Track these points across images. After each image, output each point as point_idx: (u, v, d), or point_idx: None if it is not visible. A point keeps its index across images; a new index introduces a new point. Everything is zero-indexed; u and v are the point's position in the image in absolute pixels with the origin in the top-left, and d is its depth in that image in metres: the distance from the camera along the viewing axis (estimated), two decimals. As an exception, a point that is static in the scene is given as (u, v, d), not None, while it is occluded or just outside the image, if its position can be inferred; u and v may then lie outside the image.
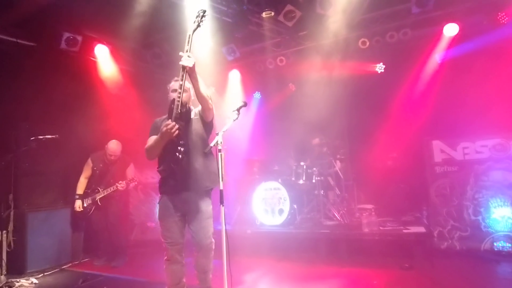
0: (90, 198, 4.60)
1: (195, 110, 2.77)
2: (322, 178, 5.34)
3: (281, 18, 5.18)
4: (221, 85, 6.58)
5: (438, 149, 4.55)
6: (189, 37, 2.48)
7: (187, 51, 2.42)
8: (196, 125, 2.67)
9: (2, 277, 4.00)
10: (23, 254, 4.34)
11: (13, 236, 4.35)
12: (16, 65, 4.65)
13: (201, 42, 5.35)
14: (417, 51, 5.44)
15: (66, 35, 4.91)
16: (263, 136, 6.65)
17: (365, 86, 5.88)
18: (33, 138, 4.37)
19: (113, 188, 4.49)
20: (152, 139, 2.62)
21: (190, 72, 2.42)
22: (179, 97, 2.45)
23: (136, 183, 4.71)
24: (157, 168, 2.65)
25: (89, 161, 4.74)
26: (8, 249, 4.26)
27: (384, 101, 5.56)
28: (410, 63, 5.51)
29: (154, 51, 6.04)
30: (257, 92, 7.20)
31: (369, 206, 5.42)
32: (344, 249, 4.41)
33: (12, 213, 4.39)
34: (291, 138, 6.03)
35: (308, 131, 5.77)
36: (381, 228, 4.57)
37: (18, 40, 4.72)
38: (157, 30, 5.48)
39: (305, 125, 5.67)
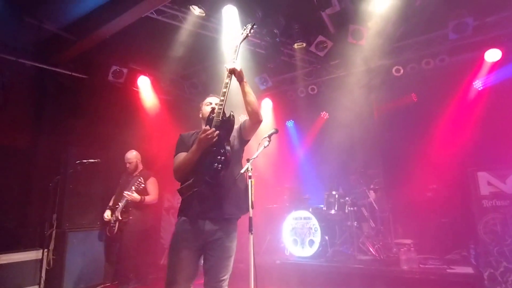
0: (114, 215, 4.48)
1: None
2: (355, 208, 5.06)
3: (312, 48, 5.28)
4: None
5: (485, 181, 4.13)
6: (236, 47, 2.41)
7: (234, 60, 2.33)
8: (233, 143, 2.39)
9: (40, 294, 4.12)
10: (61, 272, 4.46)
11: (53, 255, 4.52)
12: (69, 95, 5.10)
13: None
14: (456, 78, 5.17)
15: (114, 68, 5.32)
16: (294, 163, 6.55)
17: (401, 114, 5.64)
18: (78, 161, 4.66)
19: (125, 201, 4.34)
20: (182, 156, 2.32)
21: (238, 77, 2.28)
22: (221, 104, 2.25)
23: (152, 198, 4.53)
24: (182, 184, 2.27)
25: (121, 177, 4.84)
26: (47, 267, 4.41)
27: (421, 129, 5.27)
28: (448, 89, 5.23)
29: (191, 81, 6.32)
30: (290, 120, 7.20)
31: (408, 241, 4.95)
32: (380, 287, 4.05)
33: (54, 232, 4.58)
34: (323, 167, 5.90)
35: (341, 160, 5.62)
36: (421, 266, 4.16)
37: (73, 73, 5.20)
38: (194, 62, 5.81)
39: (338, 154, 5.54)
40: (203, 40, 5.05)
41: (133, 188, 4.34)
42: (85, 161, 4.68)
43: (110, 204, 4.71)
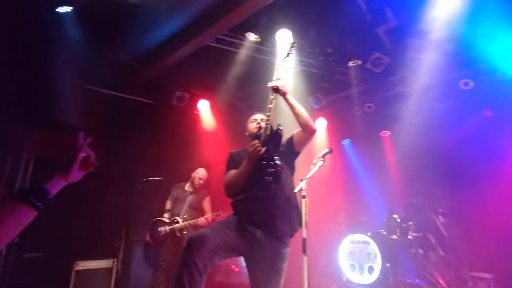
0: (167, 227, 4.42)
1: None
2: (420, 234, 4.60)
3: (368, 65, 5.07)
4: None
5: None
6: (278, 65, 2.43)
7: (277, 78, 2.33)
8: (283, 156, 2.32)
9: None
10: (127, 282, 4.76)
11: (121, 265, 4.79)
12: (138, 119, 5.55)
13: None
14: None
15: (177, 93, 5.70)
16: (351, 184, 6.25)
17: (472, 130, 5.05)
18: (144, 179, 4.95)
19: (193, 223, 4.26)
20: (232, 172, 2.34)
21: (283, 94, 2.28)
22: (268, 119, 2.24)
23: (220, 214, 4.38)
24: (233, 199, 2.30)
25: (172, 188, 4.84)
26: (116, 276, 4.70)
27: (495, 146, 4.66)
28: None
29: (247, 103, 6.45)
30: (346, 139, 6.92)
31: (487, 275, 4.29)
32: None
33: (123, 244, 4.87)
34: (382, 188, 5.53)
35: (402, 180, 5.27)
36: (504, 305, 3.55)
37: (142, 99, 5.70)
38: (249, 84, 5.94)
39: (399, 174, 5.22)
40: (258, 63, 5.15)
41: (204, 218, 4.29)
42: (150, 178, 4.93)
43: (166, 218, 4.62)
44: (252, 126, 2.51)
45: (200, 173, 4.77)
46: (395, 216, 4.84)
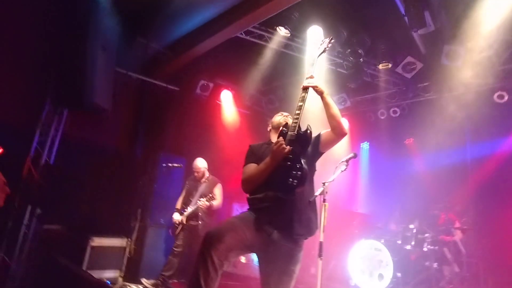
0: (180, 216, 4.54)
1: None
2: (436, 247, 4.46)
3: (399, 69, 4.98)
4: (328, 134, 6.45)
5: None
6: (314, 61, 2.36)
7: (311, 76, 2.26)
8: (308, 158, 2.23)
9: (120, 279, 4.51)
10: (139, 263, 4.81)
11: (134, 245, 4.82)
12: (163, 105, 5.59)
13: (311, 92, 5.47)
14: None
15: (202, 82, 5.71)
16: (367, 188, 6.17)
17: (502, 144, 4.86)
18: (164, 164, 4.96)
19: (196, 207, 4.39)
20: (252, 167, 2.25)
21: (320, 93, 2.21)
22: (297, 118, 2.15)
23: (218, 203, 4.46)
24: (250, 195, 2.22)
25: (186, 181, 4.89)
26: (128, 255, 4.76)
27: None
28: None
29: (269, 97, 6.46)
30: (365, 142, 6.81)
31: (502, 296, 4.16)
32: None
33: (137, 225, 4.94)
34: (401, 195, 5.37)
35: (423, 190, 5.10)
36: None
37: (168, 86, 5.70)
38: (274, 79, 5.91)
39: (420, 183, 5.08)
40: (285, 59, 5.13)
41: (205, 199, 4.37)
42: (170, 164, 4.93)
43: (178, 207, 4.74)
44: (278, 120, 2.43)
45: (195, 166, 4.71)
46: (411, 226, 4.73)
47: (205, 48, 4.71)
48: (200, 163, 4.69)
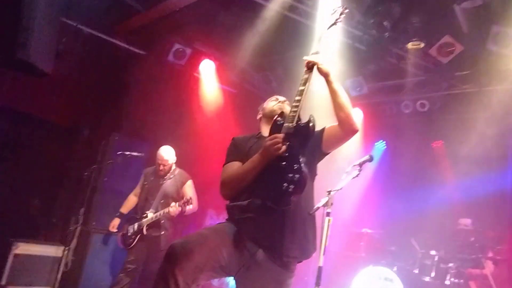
0: (136, 224, 4.33)
1: None
2: (461, 281, 4.56)
3: (433, 52, 4.99)
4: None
5: None
6: (321, 34, 2.35)
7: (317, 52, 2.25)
8: (308, 158, 2.21)
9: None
10: (78, 279, 4.73)
11: (73, 255, 4.81)
12: (123, 72, 5.45)
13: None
14: None
15: (176, 46, 5.61)
16: (379, 202, 6.21)
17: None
18: (119, 152, 4.88)
19: (163, 213, 4.21)
20: (235, 165, 2.27)
21: (324, 75, 2.21)
22: (297, 105, 2.14)
23: (193, 206, 4.34)
24: (231, 202, 2.23)
25: (142, 176, 4.70)
26: (64, 268, 4.70)
27: None
28: None
29: (264, 74, 6.37)
30: (381, 141, 6.86)
31: None
32: None
33: (78, 229, 4.88)
34: (421, 213, 5.43)
35: (449, 209, 5.21)
36: None
37: (130, 47, 5.59)
38: (272, 51, 5.77)
39: (447, 199, 5.17)
40: (289, 25, 5.04)
41: (177, 204, 4.23)
42: (127, 153, 4.87)
43: (122, 210, 4.64)
44: (272, 107, 2.43)
45: (161, 157, 4.46)
46: (433, 252, 4.78)
47: (183, 2, 4.61)
48: (167, 154, 4.50)
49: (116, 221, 4.55)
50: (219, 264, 2.07)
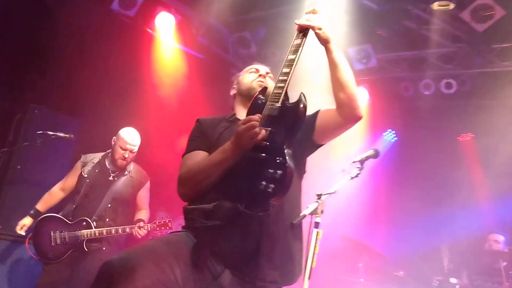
0: (67, 233, 4.14)
1: None
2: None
3: (465, 15, 4.91)
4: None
5: None
6: None
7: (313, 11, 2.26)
8: (296, 149, 2.22)
9: None
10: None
11: None
12: (49, 23, 5.09)
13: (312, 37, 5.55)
14: None
15: (125, -8, 5.43)
16: (384, 210, 6.20)
17: None
18: (40, 132, 4.59)
19: (121, 232, 4.11)
20: (199, 155, 2.30)
21: (324, 42, 2.21)
22: (284, 80, 2.13)
23: (167, 223, 4.28)
24: (191, 204, 2.20)
25: (79, 162, 4.51)
26: None
27: None
28: None
29: (241, 35, 6.24)
30: (389, 130, 6.84)
31: None
32: None
33: None
34: (439, 227, 5.42)
35: (475, 222, 5.23)
36: None
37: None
38: (252, 6, 5.69)
39: (473, 210, 5.23)
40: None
41: (136, 226, 4.11)
42: (51, 133, 4.60)
43: (39, 207, 4.41)
44: (250, 83, 2.48)
45: (128, 140, 4.33)
46: (453, 280, 4.77)
47: None
48: (136, 137, 4.40)
49: (27, 221, 4.33)
50: (170, 287, 1.98)
